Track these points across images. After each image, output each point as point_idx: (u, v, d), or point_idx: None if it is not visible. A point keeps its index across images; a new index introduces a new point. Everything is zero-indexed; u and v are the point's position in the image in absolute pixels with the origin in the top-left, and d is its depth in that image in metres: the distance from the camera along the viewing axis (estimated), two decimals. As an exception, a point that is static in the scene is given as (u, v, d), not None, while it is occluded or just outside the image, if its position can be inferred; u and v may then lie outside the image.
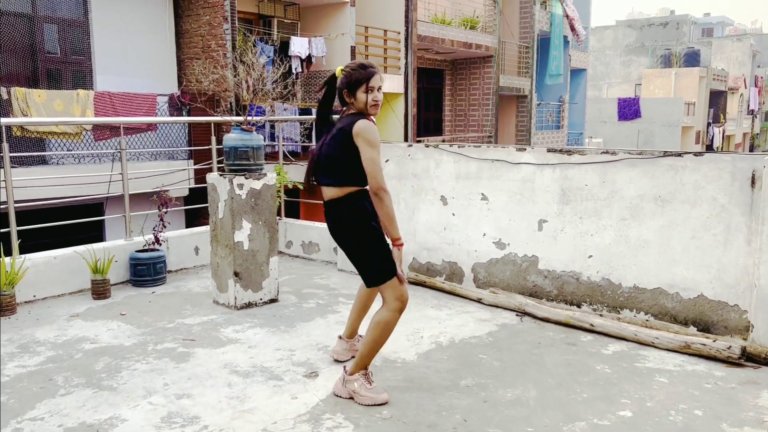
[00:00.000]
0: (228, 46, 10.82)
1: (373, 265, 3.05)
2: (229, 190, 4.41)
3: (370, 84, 3.02)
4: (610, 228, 4.19)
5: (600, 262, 4.26)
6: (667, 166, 3.94)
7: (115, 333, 4.06)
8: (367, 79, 3.02)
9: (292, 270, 5.69)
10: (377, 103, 3.05)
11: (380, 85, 3.06)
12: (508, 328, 4.14)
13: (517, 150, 4.59)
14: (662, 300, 4.01)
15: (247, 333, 4.05)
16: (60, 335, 4.02)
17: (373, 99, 3.03)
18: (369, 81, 3.02)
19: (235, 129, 4.53)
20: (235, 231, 4.45)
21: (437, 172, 5.05)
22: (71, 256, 4.90)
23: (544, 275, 4.52)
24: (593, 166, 4.23)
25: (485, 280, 4.83)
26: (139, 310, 4.53)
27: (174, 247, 5.59)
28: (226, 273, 4.54)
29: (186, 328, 4.16)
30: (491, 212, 4.76)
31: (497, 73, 18.10)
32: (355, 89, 3.03)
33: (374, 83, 3.03)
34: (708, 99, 38.36)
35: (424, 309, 4.52)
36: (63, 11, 10.02)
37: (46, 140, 9.16)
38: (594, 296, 4.30)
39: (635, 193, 4.07)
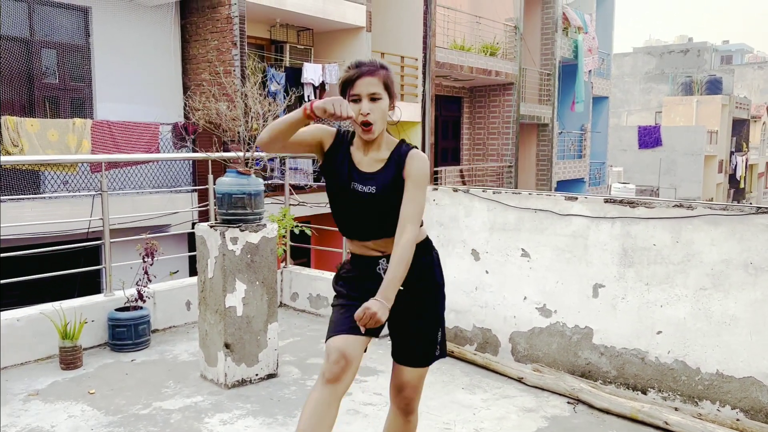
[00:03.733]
0: (237, 73, 10.22)
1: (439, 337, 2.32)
2: (220, 245, 3.68)
3: (353, 90, 2.15)
4: (686, 299, 3.40)
5: (672, 339, 3.45)
6: (761, 225, 3.16)
7: (77, 422, 3.31)
8: (350, 82, 2.15)
9: (297, 329, 4.93)
10: (365, 119, 2.14)
11: (373, 92, 2.14)
12: (560, 424, 3.33)
13: (566, 199, 3.83)
14: (755, 392, 3.20)
15: (237, 426, 3.28)
16: (9, 424, 3.28)
17: (359, 112, 2.14)
18: (353, 85, 2.15)
19: (230, 172, 3.81)
20: (227, 294, 3.70)
21: (467, 222, 4.29)
22: (37, 317, 4.18)
23: (600, 351, 3.72)
24: (663, 221, 3.46)
25: (526, 353, 4.03)
26: (112, 387, 3.78)
27: (162, 301, 4.85)
28: (215, 343, 3.79)
29: (163, 416, 3.39)
30: (533, 271, 3.98)
31: (518, 100, 17.42)
32: (344, 96, 2.18)
33: (359, 89, 2.14)
34: (731, 127, 37.49)
35: (454, 392, 3.73)
36: (62, 35, 9.47)
37: (41, 172, 8.55)
38: (664, 381, 3.49)
39: (718, 258, 3.28)
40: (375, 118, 2.13)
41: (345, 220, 2.28)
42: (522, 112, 17.76)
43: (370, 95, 2.13)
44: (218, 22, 10.44)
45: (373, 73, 2.14)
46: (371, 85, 2.13)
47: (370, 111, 2.12)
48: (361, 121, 2.13)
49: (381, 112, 2.15)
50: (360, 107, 2.13)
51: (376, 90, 2.14)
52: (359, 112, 2.13)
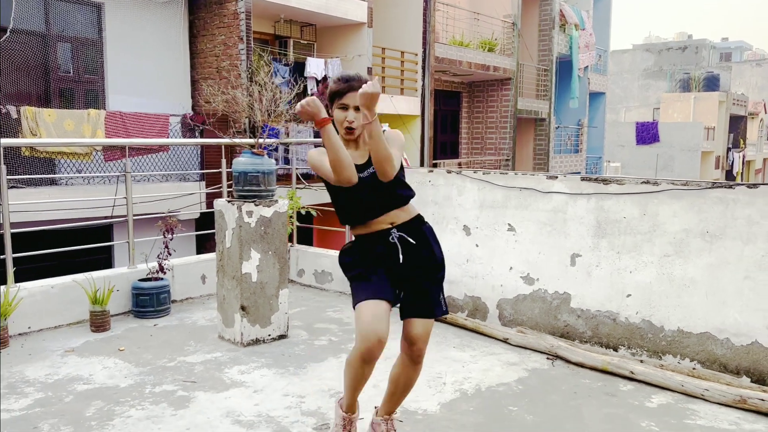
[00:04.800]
0: (243, 67, 10.63)
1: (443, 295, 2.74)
2: (237, 218, 4.11)
3: (341, 100, 2.55)
4: (652, 265, 3.83)
5: (640, 301, 3.88)
6: (716, 198, 3.58)
7: (111, 372, 3.75)
8: (340, 94, 2.54)
9: (304, 301, 5.36)
10: (349, 124, 2.54)
11: (357, 104, 2.48)
12: (539, 374, 3.77)
13: (547, 178, 4.26)
14: (710, 346, 3.63)
15: (253, 375, 3.71)
16: (52, 374, 3.71)
17: (345, 119, 2.55)
18: (342, 96, 2.54)
19: (246, 153, 4.24)
20: (243, 261, 4.13)
21: (459, 200, 4.72)
22: (70, 285, 4.61)
23: (577, 314, 4.15)
24: (632, 196, 3.88)
25: (512, 318, 4.47)
26: (139, 346, 4.22)
27: (179, 275, 5.28)
28: (232, 306, 4.22)
29: (187, 367, 3.83)
30: (519, 244, 4.41)
31: (515, 95, 17.82)
32: (331, 104, 2.59)
33: (347, 100, 2.53)
34: (728, 124, 37.84)
35: (446, 349, 4.16)
36: (77, 30, 9.88)
37: (56, 160, 8.97)
38: (633, 339, 3.92)
39: (680, 228, 3.71)
40: (357, 124, 2.57)
41: (358, 207, 2.63)
42: (519, 106, 18.17)
43: (355, 106, 2.53)
44: (225, 17, 10.84)
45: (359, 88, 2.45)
46: (357, 99, 2.44)
47: (354, 119, 2.56)
48: (345, 126, 2.57)
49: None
50: (346, 115, 2.56)
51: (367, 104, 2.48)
52: (345, 119, 2.55)
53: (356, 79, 2.55)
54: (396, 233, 2.63)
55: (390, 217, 2.64)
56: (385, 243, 2.63)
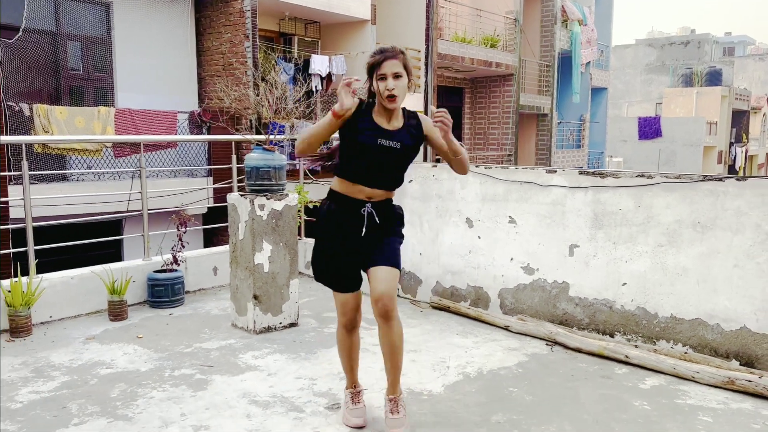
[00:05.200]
0: (249, 64, 10.81)
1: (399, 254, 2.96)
2: (249, 211, 4.30)
3: (380, 71, 2.69)
4: (646, 255, 4.01)
5: (635, 290, 4.07)
6: (707, 191, 3.76)
7: (132, 357, 3.94)
8: (377, 65, 2.70)
9: (312, 292, 5.56)
10: (390, 92, 2.69)
11: (396, 72, 2.68)
12: (538, 359, 3.96)
13: (546, 172, 4.44)
14: (702, 331, 3.81)
15: (267, 359, 3.91)
16: (75, 359, 3.91)
17: (386, 88, 2.69)
18: (379, 67, 2.69)
19: (257, 149, 4.43)
20: (256, 253, 4.33)
21: (462, 194, 4.90)
22: (88, 276, 4.81)
23: (575, 303, 4.34)
24: (628, 189, 4.06)
25: (512, 307, 4.65)
26: (156, 333, 4.42)
27: (192, 267, 5.48)
28: (245, 296, 4.41)
29: (204, 353, 4.03)
30: (519, 236, 4.59)
31: (518, 91, 17.97)
32: (371, 77, 2.75)
33: (385, 69, 2.68)
34: (730, 118, 37.90)
35: (450, 336, 4.35)
36: (86, 29, 10.08)
37: (67, 157, 9.17)
38: (628, 326, 4.10)
39: (673, 219, 3.89)
40: (398, 92, 2.72)
41: (363, 168, 2.80)
42: (522, 102, 18.32)
43: (393, 74, 2.68)
44: (231, 15, 11.03)
45: (396, 57, 2.69)
46: (394, 66, 2.68)
47: (394, 86, 2.70)
48: (387, 95, 2.71)
49: (402, 87, 2.74)
50: (386, 84, 2.70)
51: (398, 70, 2.69)
52: (386, 87, 2.70)
53: (390, 50, 2.73)
54: (369, 208, 2.82)
55: (373, 191, 2.83)
56: (357, 215, 2.82)
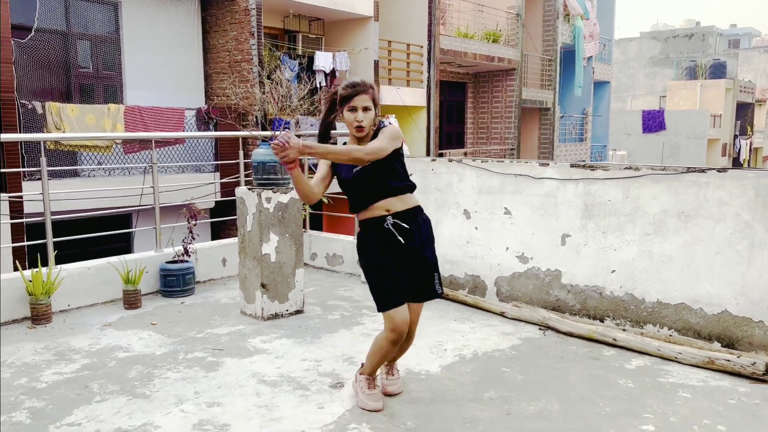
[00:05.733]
0: (254, 61, 11.03)
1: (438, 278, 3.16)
2: (257, 204, 4.53)
3: (351, 104, 2.95)
4: (634, 243, 4.21)
5: (623, 276, 4.28)
6: (690, 182, 3.96)
7: (147, 342, 4.18)
8: (349, 98, 2.95)
9: (317, 282, 5.79)
10: (359, 124, 2.95)
11: (366, 105, 2.95)
12: (531, 342, 4.18)
13: (540, 165, 4.64)
14: (686, 315, 4.02)
15: (274, 343, 4.14)
16: (94, 344, 4.15)
17: (355, 119, 2.95)
18: (350, 100, 2.94)
19: (264, 144, 4.66)
20: (263, 243, 4.56)
21: (460, 187, 5.11)
22: (104, 266, 5.05)
23: (567, 289, 4.55)
24: (616, 181, 4.27)
25: (508, 294, 4.87)
26: (169, 320, 4.66)
27: (202, 258, 5.72)
28: (253, 284, 4.65)
29: (215, 338, 4.26)
30: (514, 226, 4.81)
31: (520, 85, 18.13)
32: (341, 107, 3.00)
33: (356, 102, 2.93)
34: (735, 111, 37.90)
35: (448, 322, 4.58)
36: (96, 28, 10.32)
37: (78, 153, 9.42)
38: (617, 311, 4.32)
39: (659, 209, 4.09)
40: (366, 123, 2.98)
41: (355, 196, 3.08)
42: (524, 96, 18.49)
43: (363, 107, 2.96)
44: (236, 13, 11.24)
45: (366, 92, 2.95)
46: (364, 101, 2.95)
47: (363, 119, 2.97)
48: (356, 125, 2.98)
49: (369, 119, 3.00)
50: (356, 116, 2.96)
51: (368, 104, 2.97)
52: (355, 119, 2.95)
53: (361, 84, 2.98)
54: (390, 220, 3.03)
55: (386, 204, 3.04)
56: (381, 229, 3.04)
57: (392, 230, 3.02)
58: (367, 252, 3.12)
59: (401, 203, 3.07)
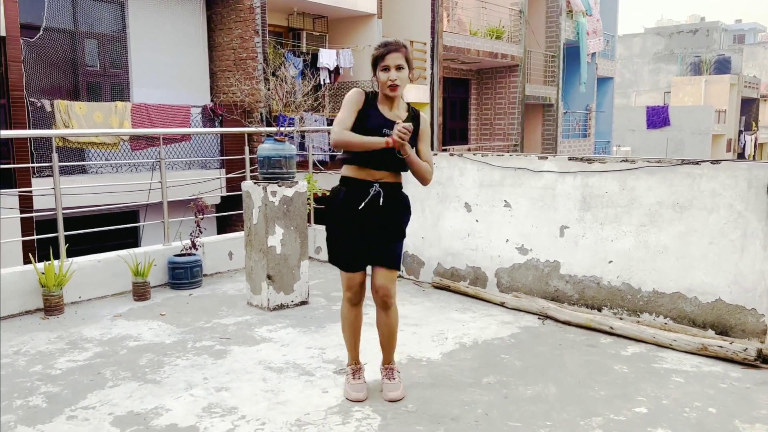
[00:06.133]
0: (259, 59, 11.15)
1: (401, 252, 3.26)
2: (263, 198, 4.65)
3: (383, 63, 2.98)
4: (630, 234, 4.32)
5: (620, 267, 4.38)
6: (684, 173, 4.06)
7: (156, 332, 4.31)
8: (381, 57, 2.98)
9: (321, 274, 5.91)
10: (392, 82, 2.98)
11: (399, 64, 2.97)
12: (530, 331, 4.29)
13: (539, 158, 4.75)
14: (681, 304, 4.12)
15: (280, 333, 4.26)
16: (105, 333, 4.28)
17: (388, 78, 2.98)
18: (383, 59, 2.98)
19: (269, 140, 4.77)
20: (269, 236, 4.67)
21: (461, 180, 5.22)
22: (114, 259, 5.18)
23: (565, 280, 4.65)
24: (613, 173, 4.37)
25: (508, 285, 4.98)
26: (178, 311, 4.78)
27: (209, 252, 5.84)
28: (259, 276, 4.77)
29: (222, 327, 4.39)
30: (514, 218, 4.91)
31: (523, 82, 18.20)
32: (375, 68, 3.03)
33: (389, 61, 2.97)
34: (739, 107, 37.83)
35: (449, 312, 4.69)
36: (102, 27, 10.47)
37: (86, 150, 9.57)
38: (614, 300, 4.42)
39: (654, 200, 4.19)
40: (399, 82, 3.04)
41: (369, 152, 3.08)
42: (527, 92, 18.56)
43: (396, 66, 2.99)
44: (241, 12, 11.36)
45: (398, 50, 2.99)
46: (397, 59, 2.98)
47: (396, 77, 3.00)
48: (389, 84, 3.03)
49: (403, 78, 3.06)
50: (389, 75, 2.99)
51: (400, 62, 3.00)
52: (388, 77, 2.98)
53: (393, 44, 3.04)
54: (377, 187, 3.10)
55: (381, 174, 3.12)
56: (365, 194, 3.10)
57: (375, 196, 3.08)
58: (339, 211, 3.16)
59: (393, 178, 3.16)
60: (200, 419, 3.02)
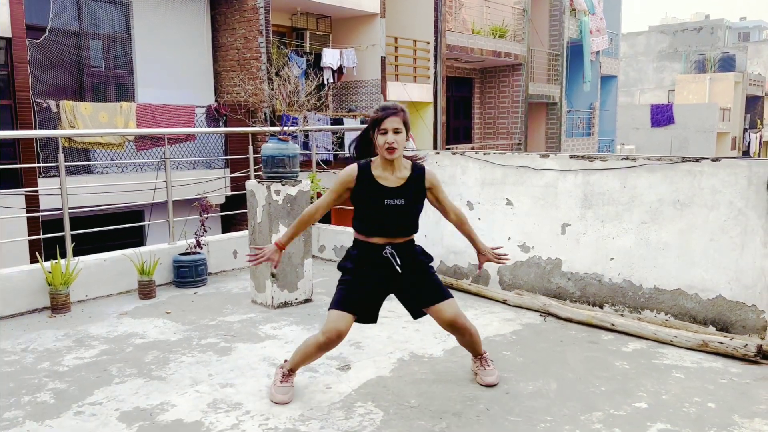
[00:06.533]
0: (263, 59, 11.20)
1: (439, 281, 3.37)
2: (266, 196, 4.69)
3: (381, 126, 3.01)
4: (631, 231, 4.34)
5: (621, 264, 4.41)
6: (685, 171, 4.08)
7: (162, 329, 4.36)
8: (380, 121, 3.01)
9: (325, 273, 5.95)
10: (390, 145, 3.00)
11: (396, 127, 3.00)
12: (531, 328, 4.32)
13: (540, 156, 4.78)
14: (682, 301, 4.15)
15: (284, 330, 4.31)
16: (111, 331, 4.33)
17: (386, 141, 3.01)
18: (381, 123, 3.01)
19: (272, 139, 4.82)
20: (273, 234, 4.72)
21: (463, 179, 5.25)
22: (120, 258, 5.23)
23: (567, 277, 4.68)
24: (614, 171, 4.40)
25: (510, 282, 5.01)
26: (183, 309, 4.83)
27: (214, 250, 5.89)
28: (263, 274, 4.81)
29: (227, 325, 4.43)
30: (516, 217, 4.94)
31: (526, 80, 18.21)
32: (373, 131, 3.06)
33: (387, 125, 2.99)
34: (744, 104, 37.74)
35: (451, 309, 4.72)
36: (107, 27, 10.54)
37: (92, 151, 9.64)
38: (615, 297, 4.45)
39: (655, 198, 4.22)
40: (397, 145, 3.06)
41: (376, 225, 3.13)
42: (531, 91, 18.57)
43: (393, 129, 3.01)
44: (245, 12, 11.41)
45: (397, 114, 3.02)
46: (395, 122, 3.00)
47: (394, 140, 3.01)
48: (387, 147, 3.05)
49: (401, 141, 3.09)
50: (386, 138, 3.01)
51: (398, 126, 3.02)
52: (386, 141, 3.01)
53: (391, 108, 3.08)
54: (389, 249, 3.16)
55: (394, 239, 3.19)
56: (378, 257, 3.16)
57: (390, 258, 3.14)
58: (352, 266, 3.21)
59: (403, 240, 3.21)
60: (205, 415, 3.06)
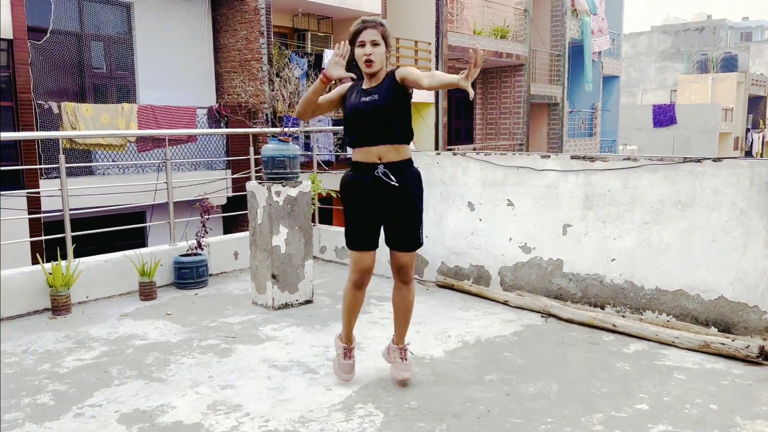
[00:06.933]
0: (264, 60, 11.20)
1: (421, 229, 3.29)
2: (267, 197, 4.69)
3: (359, 39, 3.03)
4: (633, 232, 4.33)
5: (623, 265, 4.39)
6: (687, 171, 4.07)
7: (162, 331, 4.35)
8: (358, 33, 3.04)
9: (326, 274, 5.94)
10: (368, 57, 3.01)
11: (374, 39, 3.02)
12: (532, 329, 4.31)
13: (541, 157, 4.76)
14: (683, 301, 4.13)
15: (285, 331, 4.30)
16: (112, 332, 4.33)
17: (363, 53, 3.02)
18: (359, 35, 3.03)
19: (273, 140, 4.81)
20: (273, 236, 4.71)
21: (464, 179, 5.24)
22: (120, 260, 5.23)
23: (568, 278, 4.67)
24: (615, 172, 4.38)
25: (511, 283, 5.00)
26: (184, 310, 4.83)
27: (215, 252, 5.89)
28: (264, 275, 4.81)
29: (227, 326, 4.43)
30: (517, 217, 4.93)
31: (528, 81, 18.19)
32: (353, 45, 3.07)
33: (364, 37, 3.02)
34: (747, 104, 37.66)
35: (452, 311, 4.71)
36: (109, 29, 10.55)
37: (93, 152, 9.65)
38: (617, 298, 4.43)
39: (656, 198, 4.20)
40: (375, 57, 3.04)
41: (356, 129, 3.12)
42: (533, 92, 18.55)
43: (372, 42, 3.03)
44: (246, 13, 11.42)
45: (375, 27, 3.05)
46: (372, 35, 3.03)
47: (371, 52, 3.03)
48: (365, 59, 3.06)
49: (379, 54, 3.08)
50: (364, 50, 3.03)
51: (376, 38, 3.04)
52: (364, 53, 3.02)
53: (371, 21, 3.09)
54: (381, 169, 3.13)
55: (379, 150, 3.13)
56: (371, 176, 3.14)
57: (382, 178, 3.12)
58: (350, 194, 3.23)
59: (396, 154, 3.15)
60: (205, 416, 3.06)
